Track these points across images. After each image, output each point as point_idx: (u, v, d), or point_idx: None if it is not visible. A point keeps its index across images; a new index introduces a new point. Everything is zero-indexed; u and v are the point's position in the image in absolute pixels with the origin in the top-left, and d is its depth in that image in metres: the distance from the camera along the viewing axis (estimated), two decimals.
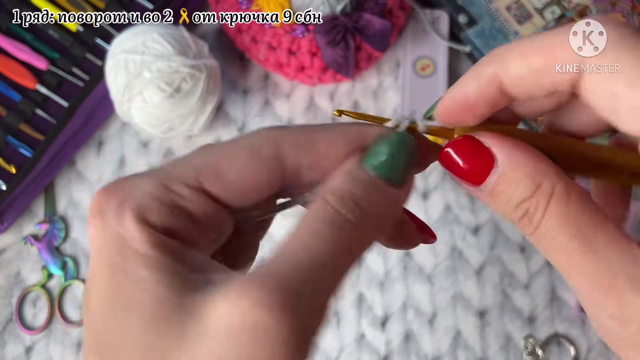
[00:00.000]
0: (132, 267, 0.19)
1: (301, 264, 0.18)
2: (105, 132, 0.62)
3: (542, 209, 0.20)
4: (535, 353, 0.57)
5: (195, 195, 0.21)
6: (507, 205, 0.21)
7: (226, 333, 0.16)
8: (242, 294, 0.17)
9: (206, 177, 0.21)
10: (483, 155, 0.21)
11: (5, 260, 0.59)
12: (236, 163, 0.21)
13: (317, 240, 0.19)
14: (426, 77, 0.62)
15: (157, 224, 0.20)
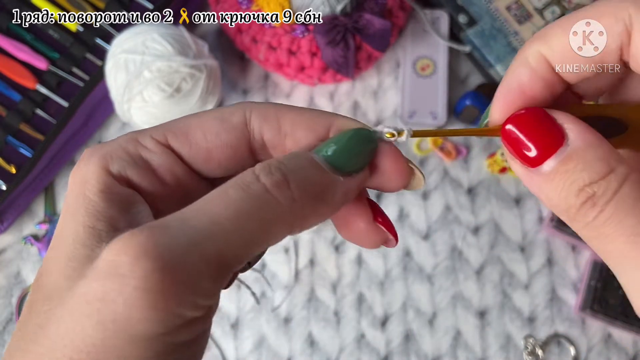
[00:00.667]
0: (75, 207, 0.20)
1: (190, 221, 0.18)
2: (105, 132, 0.62)
3: (612, 191, 0.18)
4: (535, 353, 0.57)
5: (160, 149, 0.21)
6: (569, 188, 0.19)
7: (95, 276, 0.17)
8: (120, 241, 0.17)
9: (173, 134, 0.22)
10: (552, 131, 0.20)
11: (5, 260, 0.59)
12: (204, 125, 0.22)
13: (220, 201, 0.18)
14: (426, 77, 0.62)
15: (115, 171, 0.21)
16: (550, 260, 0.59)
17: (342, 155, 0.21)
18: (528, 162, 0.20)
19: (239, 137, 0.22)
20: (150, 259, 0.16)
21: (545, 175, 0.20)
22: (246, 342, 0.57)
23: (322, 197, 0.20)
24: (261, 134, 0.22)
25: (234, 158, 0.22)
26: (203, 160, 0.22)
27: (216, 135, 0.22)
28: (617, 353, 0.57)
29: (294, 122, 0.22)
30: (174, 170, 0.22)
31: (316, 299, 0.58)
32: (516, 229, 0.60)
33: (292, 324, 0.58)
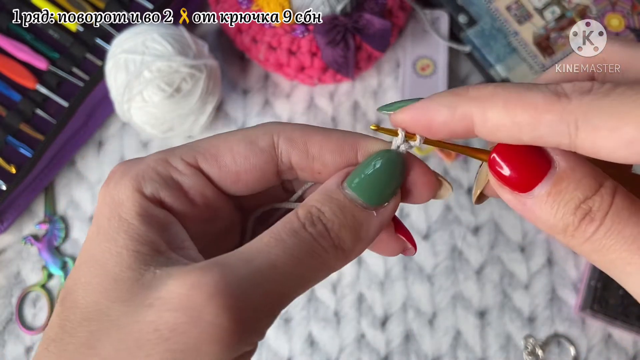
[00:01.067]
0: (112, 229, 0.20)
1: (253, 262, 0.19)
2: (105, 132, 0.62)
3: (607, 204, 0.19)
4: (535, 353, 0.57)
5: (191, 171, 0.22)
6: (565, 207, 0.20)
7: (166, 307, 0.18)
8: (190, 275, 0.18)
9: (203, 156, 0.22)
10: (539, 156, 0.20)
11: (5, 260, 0.59)
12: (232, 148, 0.22)
13: (277, 246, 0.20)
14: (426, 77, 0.62)
15: (149, 193, 0.21)
16: (550, 260, 0.59)
17: (373, 190, 0.22)
18: (518, 189, 0.21)
19: (267, 160, 0.23)
20: (223, 297, 0.18)
21: (538, 199, 0.20)
22: None
23: (359, 235, 0.22)
24: (289, 157, 0.23)
25: (261, 179, 0.23)
26: (232, 182, 0.23)
27: (245, 159, 0.22)
28: (617, 353, 0.57)
29: (321, 145, 0.23)
30: (204, 192, 0.23)
31: (316, 299, 0.58)
32: (516, 229, 0.60)
33: (292, 324, 0.58)
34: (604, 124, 0.17)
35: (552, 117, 0.18)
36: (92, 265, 0.20)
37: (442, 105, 0.21)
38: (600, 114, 0.17)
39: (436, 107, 0.21)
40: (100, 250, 0.20)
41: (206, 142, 0.23)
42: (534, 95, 0.19)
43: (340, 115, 0.63)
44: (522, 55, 0.60)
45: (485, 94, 0.20)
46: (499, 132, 0.19)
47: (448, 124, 0.21)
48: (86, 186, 0.61)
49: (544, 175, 0.20)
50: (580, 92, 0.18)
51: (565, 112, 0.18)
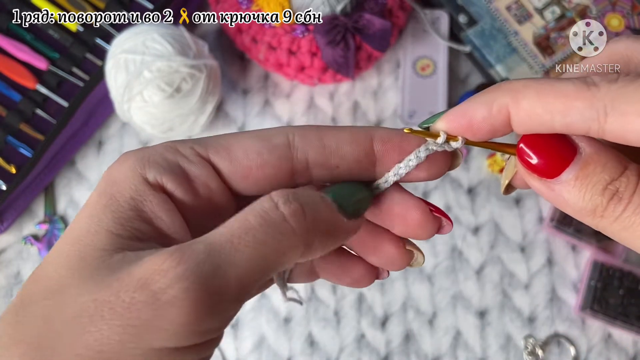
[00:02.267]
0: (99, 207, 0.21)
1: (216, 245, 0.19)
2: (105, 132, 0.62)
3: (633, 184, 0.20)
4: (535, 353, 0.57)
5: (199, 160, 0.22)
6: (593, 189, 0.21)
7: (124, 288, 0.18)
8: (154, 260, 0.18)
9: (214, 149, 0.22)
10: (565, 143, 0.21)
11: (5, 260, 0.59)
12: (246, 143, 0.23)
13: (241, 227, 0.19)
14: (426, 77, 0.62)
15: (151, 177, 0.21)
16: (550, 260, 0.59)
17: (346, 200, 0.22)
18: (546, 175, 0.21)
19: (281, 157, 0.23)
20: (182, 280, 0.18)
21: (566, 183, 0.21)
22: (246, 342, 0.57)
23: (331, 232, 0.22)
24: (305, 153, 0.23)
25: (273, 178, 0.23)
26: (241, 177, 0.23)
27: (258, 154, 0.23)
28: (617, 353, 0.57)
29: (337, 139, 0.23)
30: (209, 184, 0.23)
31: (316, 299, 0.58)
32: (516, 229, 0.60)
33: (292, 324, 0.58)
34: (631, 109, 0.18)
35: (582, 104, 0.19)
36: (68, 240, 0.20)
37: (480, 103, 0.21)
38: (627, 100, 0.18)
39: (474, 106, 0.22)
40: (80, 225, 0.20)
41: (219, 137, 0.23)
42: (565, 85, 0.20)
43: (340, 115, 0.63)
44: (522, 55, 0.60)
45: (518, 86, 0.21)
46: (533, 120, 0.20)
47: (487, 120, 0.21)
48: (86, 186, 0.61)
49: (570, 160, 0.21)
50: (608, 81, 0.19)
51: (595, 99, 0.19)
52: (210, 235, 0.19)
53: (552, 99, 0.20)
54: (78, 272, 0.19)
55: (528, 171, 0.22)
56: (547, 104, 0.20)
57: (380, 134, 0.24)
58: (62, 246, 0.20)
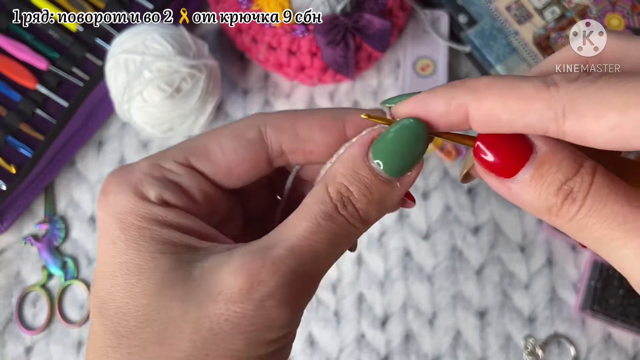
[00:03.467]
0: (133, 239, 0.21)
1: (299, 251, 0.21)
2: (105, 132, 0.62)
3: (587, 184, 0.20)
4: (535, 353, 0.57)
5: (185, 170, 0.23)
6: (548, 189, 0.20)
7: (231, 300, 0.20)
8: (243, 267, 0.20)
9: (194, 156, 0.23)
10: (520, 142, 0.21)
11: (5, 260, 0.59)
12: (221, 143, 0.23)
13: (317, 232, 0.21)
14: (426, 77, 0.62)
15: (153, 197, 0.22)
16: (550, 260, 0.59)
17: (397, 161, 0.22)
18: (503, 174, 0.21)
19: (256, 150, 0.23)
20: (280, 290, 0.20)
21: (522, 182, 0.21)
22: None
23: (384, 208, 0.23)
24: (279, 143, 0.24)
25: (253, 170, 0.24)
26: (224, 176, 0.24)
27: (234, 152, 0.23)
28: (617, 353, 0.57)
29: (310, 125, 0.24)
30: (203, 188, 0.23)
31: (316, 299, 0.58)
32: (516, 229, 0.60)
33: None
34: (590, 111, 0.18)
35: (541, 105, 0.19)
36: (126, 275, 0.21)
37: (440, 97, 0.21)
38: (586, 101, 0.18)
39: (434, 99, 0.22)
40: (127, 260, 0.21)
41: (194, 141, 0.24)
42: (525, 85, 0.19)
43: None
44: (522, 55, 0.60)
45: (480, 86, 0.20)
46: (492, 121, 0.20)
47: (445, 116, 0.21)
48: (86, 186, 0.61)
49: (526, 160, 0.21)
50: (568, 81, 0.19)
51: (553, 100, 0.19)
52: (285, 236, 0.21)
53: (512, 100, 0.20)
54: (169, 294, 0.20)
55: (484, 170, 0.22)
56: (506, 105, 0.20)
57: (350, 118, 0.24)
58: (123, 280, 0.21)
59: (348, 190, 0.22)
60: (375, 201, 0.22)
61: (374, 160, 0.22)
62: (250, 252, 0.21)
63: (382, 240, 0.60)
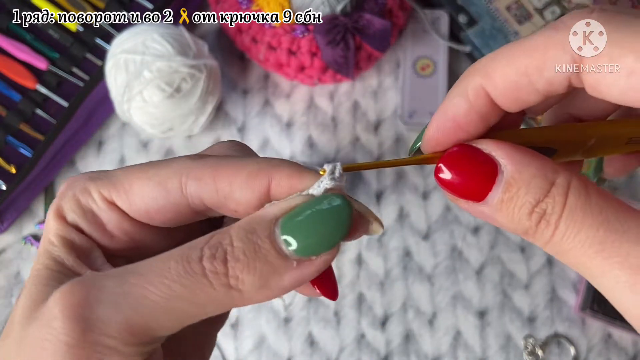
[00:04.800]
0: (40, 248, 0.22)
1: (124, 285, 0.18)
2: (105, 132, 0.62)
3: (560, 206, 0.18)
4: (535, 353, 0.57)
5: (106, 206, 0.22)
6: (520, 212, 0.19)
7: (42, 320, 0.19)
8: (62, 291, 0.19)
9: (117, 193, 0.22)
10: (483, 163, 0.19)
11: (5, 260, 0.59)
12: (143, 187, 0.21)
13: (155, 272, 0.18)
14: (426, 77, 0.62)
15: (70, 220, 0.22)
16: (550, 260, 0.59)
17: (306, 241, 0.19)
18: (472, 199, 0.20)
19: (176, 202, 0.21)
20: (74, 319, 0.18)
21: (492, 207, 0.19)
22: (246, 342, 0.57)
23: (266, 284, 0.19)
24: (200, 198, 0.21)
25: (176, 218, 0.22)
26: (146, 219, 0.22)
27: (153, 200, 0.21)
28: (617, 353, 0.57)
29: (231, 182, 0.21)
30: (122, 226, 0.22)
31: (316, 299, 0.58)
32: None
33: (292, 324, 0.58)
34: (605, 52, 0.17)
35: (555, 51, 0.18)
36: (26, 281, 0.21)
37: (455, 97, 0.20)
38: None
39: (451, 103, 0.20)
40: (32, 268, 0.22)
41: (124, 174, 0.22)
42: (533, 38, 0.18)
43: (340, 115, 0.63)
44: None
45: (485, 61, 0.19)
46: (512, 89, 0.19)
47: (470, 110, 0.20)
48: None
49: (493, 181, 0.19)
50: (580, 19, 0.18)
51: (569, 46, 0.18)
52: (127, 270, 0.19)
53: (524, 59, 0.18)
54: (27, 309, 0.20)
55: (452, 195, 0.20)
56: (520, 66, 0.18)
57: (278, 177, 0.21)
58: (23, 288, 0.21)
59: (230, 244, 0.19)
60: (256, 270, 0.19)
61: (282, 229, 0.19)
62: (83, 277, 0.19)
63: (382, 240, 0.60)
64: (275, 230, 0.19)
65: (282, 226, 0.19)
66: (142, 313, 0.18)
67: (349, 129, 0.62)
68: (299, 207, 0.20)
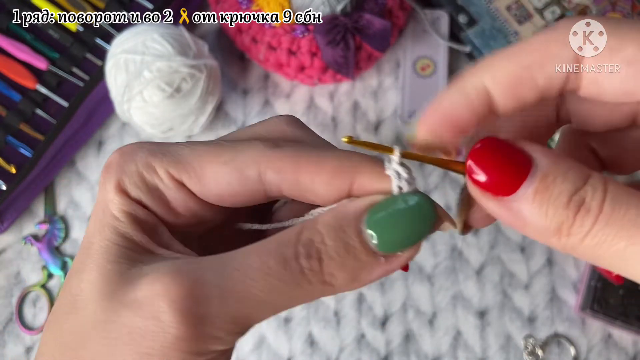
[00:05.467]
0: (101, 222, 0.21)
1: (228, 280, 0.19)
2: (105, 132, 0.62)
3: (601, 191, 0.18)
4: (535, 353, 0.57)
5: (174, 185, 0.22)
6: (556, 202, 0.18)
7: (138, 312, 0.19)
8: (160, 280, 0.19)
9: (187, 175, 0.22)
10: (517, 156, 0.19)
11: (5, 260, 0.59)
12: (217, 171, 0.21)
13: (259, 270, 0.19)
14: (426, 77, 0.62)
15: (134, 196, 0.22)
16: (550, 260, 0.59)
17: (393, 236, 0.20)
18: (501, 192, 0.19)
19: (252, 188, 0.22)
20: (185, 314, 0.18)
21: (524, 199, 0.18)
22: (246, 342, 0.57)
23: (355, 279, 0.20)
24: (279, 188, 0.22)
25: (246, 201, 0.22)
26: (216, 201, 0.22)
27: (228, 185, 0.22)
28: (617, 353, 0.57)
29: (313, 176, 0.21)
30: (188, 205, 0.22)
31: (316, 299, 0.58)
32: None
33: (292, 324, 0.58)
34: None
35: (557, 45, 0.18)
36: (84, 254, 0.21)
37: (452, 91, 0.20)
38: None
39: (446, 96, 0.20)
40: (90, 240, 0.21)
41: (193, 155, 0.22)
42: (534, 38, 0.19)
43: (340, 115, 0.63)
44: None
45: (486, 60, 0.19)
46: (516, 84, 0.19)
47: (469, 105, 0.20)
48: (86, 186, 0.61)
49: (526, 174, 0.19)
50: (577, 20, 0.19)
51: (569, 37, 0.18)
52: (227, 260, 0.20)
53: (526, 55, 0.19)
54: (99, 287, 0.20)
55: (481, 191, 0.19)
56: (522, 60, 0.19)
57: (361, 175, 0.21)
58: (80, 260, 0.21)
59: (323, 243, 0.20)
60: (348, 267, 0.20)
61: (368, 227, 0.20)
62: (178, 266, 0.19)
63: None
64: (362, 228, 0.20)
65: (367, 223, 0.20)
66: (247, 306, 0.19)
67: (349, 129, 0.62)
68: (381, 204, 0.20)
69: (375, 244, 0.20)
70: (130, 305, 0.19)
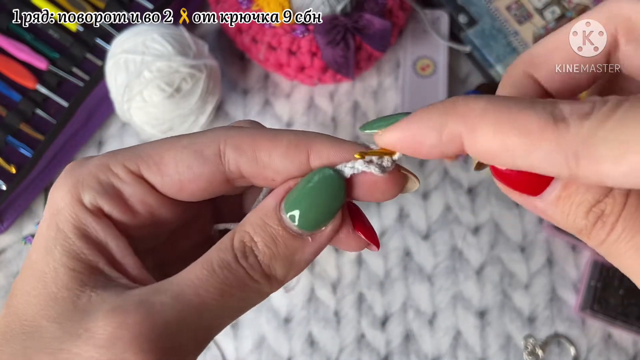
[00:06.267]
0: (50, 240, 0.20)
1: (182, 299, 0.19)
2: (105, 132, 0.62)
3: (618, 209, 0.18)
4: (535, 353, 0.57)
5: (132, 179, 0.21)
6: (576, 210, 0.19)
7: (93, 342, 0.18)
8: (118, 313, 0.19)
9: (146, 164, 0.21)
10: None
11: (5, 260, 0.59)
12: (176, 156, 0.21)
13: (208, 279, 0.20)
14: (426, 77, 0.62)
15: (87, 202, 0.21)
16: (550, 260, 0.59)
17: (309, 214, 0.21)
18: (528, 192, 0.20)
19: (212, 170, 0.22)
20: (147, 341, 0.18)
21: (548, 202, 0.19)
22: (246, 342, 0.57)
23: (292, 264, 0.21)
24: (238, 166, 0.22)
25: (208, 188, 0.22)
26: (176, 191, 0.22)
27: (188, 168, 0.21)
28: (617, 353, 0.57)
29: (270, 152, 0.21)
30: (146, 200, 0.22)
31: (316, 299, 0.58)
32: (516, 229, 0.60)
33: (292, 324, 0.58)
34: (607, 153, 0.15)
35: (548, 146, 0.16)
36: (32, 275, 0.20)
37: (429, 128, 0.19)
38: (602, 142, 0.16)
39: (423, 130, 0.19)
40: (38, 260, 0.20)
41: (151, 147, 0.22)
42: (528, 117, 0.17)
43: (340, 115, 0.63)
44: None
45: (474, 112, 0.18)
46: (490, 156, 0.18)
47: (437, 147, 0.19)
48: None
49: (550, 178, 0.19)
50: (579, 116, 0.16)
51: (564, 142, 0.16)
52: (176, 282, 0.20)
53: (512, 135, 0.17)
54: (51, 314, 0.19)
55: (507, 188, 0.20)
56: (505, 142, 0.17)
57: (316, 146, 0.21)
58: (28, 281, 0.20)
59: (252, 240, 0.21)
60: (281, 255, 0.21)
61: (286, 212, 0.21)
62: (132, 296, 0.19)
63: (382, 240, 0.59)
64: (282, 215, 0.21)
65: (285, 209, 0.21)
66: (206, 318, 0.20)
67: (349, 129, 0.62)
68: (294, 188, 0.21)
69: (297, 225, 0.21)
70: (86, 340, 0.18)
